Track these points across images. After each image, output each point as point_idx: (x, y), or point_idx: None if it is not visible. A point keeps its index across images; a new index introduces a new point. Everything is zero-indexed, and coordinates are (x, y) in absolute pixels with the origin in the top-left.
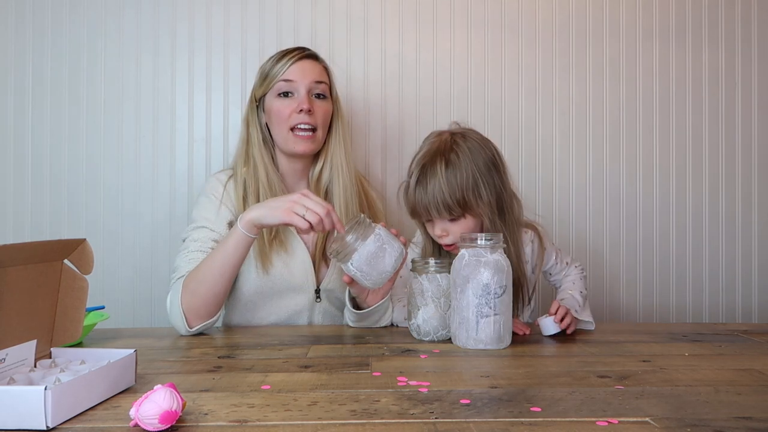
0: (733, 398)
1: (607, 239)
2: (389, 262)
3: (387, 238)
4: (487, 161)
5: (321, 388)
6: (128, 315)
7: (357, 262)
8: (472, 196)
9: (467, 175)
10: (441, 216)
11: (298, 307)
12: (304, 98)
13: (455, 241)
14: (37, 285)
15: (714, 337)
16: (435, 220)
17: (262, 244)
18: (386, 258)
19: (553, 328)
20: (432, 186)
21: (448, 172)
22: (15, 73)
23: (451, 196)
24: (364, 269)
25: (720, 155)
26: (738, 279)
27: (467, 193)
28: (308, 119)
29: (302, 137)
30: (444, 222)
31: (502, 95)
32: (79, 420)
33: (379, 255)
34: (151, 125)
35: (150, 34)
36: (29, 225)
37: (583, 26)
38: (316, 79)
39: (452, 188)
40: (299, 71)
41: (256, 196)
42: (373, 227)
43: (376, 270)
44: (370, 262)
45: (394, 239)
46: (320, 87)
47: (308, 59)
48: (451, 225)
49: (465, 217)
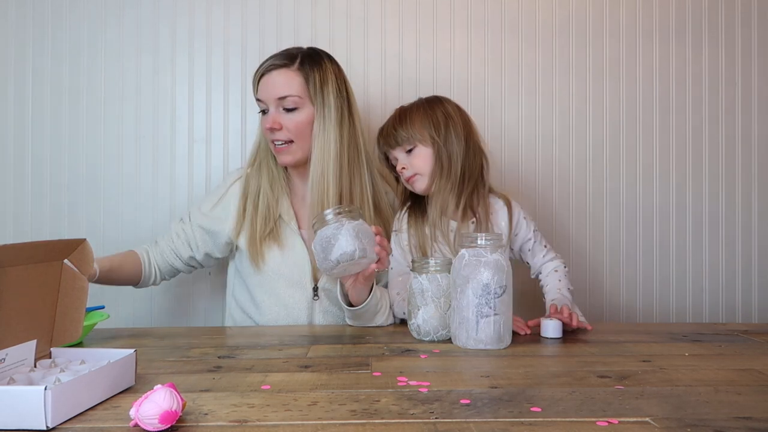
0: (733, 398)
1: (607, 239)
2: (334, 253)
3: (347, 233)
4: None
5: (321, 388)
6: (128, 315)
7: (316, 240)
8: (419, 128)
9: (416, 111)
10: (397, 149)
11: (296, 304)
12: (270, 116)
13: (415, 171)
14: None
15: (714, 337)
16: (398, 157)
17: (253, 241)
18: (334, 249)
19: (555, 331)
20: (389, 125)
21: (400, 113)
22: (15, 74)
23: (402, 127)
24: (317, 248)
25: (720, 155)
26: (738, 279)
27: (416, 125)
28: (278, 136)
29: (278, 149)
30: (403, 156)
31: (502, 95)
32: (79, 420)
33: (331, 243)
34: (151, 125)
35: (150, 33)
36: (29, 225)
37: (583, 26)
38: (279, 95)
39: (402, 122)
40: (264, 89)
41: (255, 197)
42: (344, 221)
43: (324, 254)
44: (323, 245)
45: (356, 239)
46: (287, 101)
47: (275, 70)
48: (409, 158)
49: (417, 146)
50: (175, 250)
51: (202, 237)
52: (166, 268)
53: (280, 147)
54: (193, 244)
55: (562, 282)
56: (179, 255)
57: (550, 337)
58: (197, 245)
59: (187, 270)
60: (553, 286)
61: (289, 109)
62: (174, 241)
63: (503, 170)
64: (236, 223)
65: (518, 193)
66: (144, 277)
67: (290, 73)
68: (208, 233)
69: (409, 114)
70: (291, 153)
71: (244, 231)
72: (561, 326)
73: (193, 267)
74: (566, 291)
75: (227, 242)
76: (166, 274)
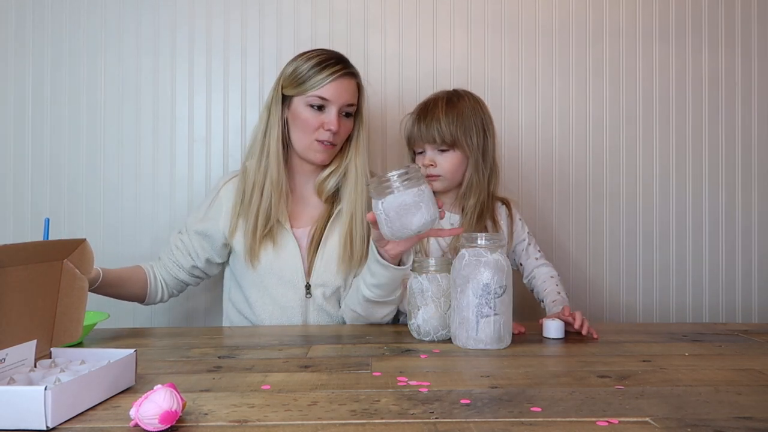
0: (733, 398)
1: (607, 239)
2: (417, 221)
3: (428, 200)
4: (480, 114)
5: (321, 388)
6: (128, 315)
7: (387, 204)
8: (462, 133)
9: (463, 114)
10: (433, 144)
11: (289, 303)
12: (333, 119)
13: (441, 173)
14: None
15: (714, 337)
16: (426, 149)
17: (253, 240)
18: (416, 216)
19: (557, 332)
20: (431, 116)
21: (447, 108)
22: (15, 74)
23: (447, 126)
24: (391, 215)
25: (720, 155)
26: (738, 279)
27: (459, 129)
28: (332, 138)
29: (324, 147)
30: (434, 152)
31: (502, 95)
32: (79, 420)
33: (411, 209)
34: (151, 125)
35: (150, 34)
36: (29, 225)
37: (583, 26)
38: (348, 102)
39: (448, 120)
40: (335, 92)
41: (260, 189)
42: (420, 183)
43: (400, 221)
44: (399, 211)
45: (434, 205)
46: (351, 109)
47: (346, 78)
48: (440, 156)
49: (453, 150)
50: (176, 262)
51: (200, 243)
52: (172, 281)
53: (327, 146)
54: (192, 253)
55: (560, 287)
56: (182, 266)
57: (552, 337)
58: (197, 253)
59: (194, 281)
60: (552, 290)
61: (349, 114)
62: (174, 252)
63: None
64: (231, 220)
65: (518, 192)
66: (150, 292)
67: (356, 84)
68: (205, 238)
69: (457, 113)
70: (331, 154)
71: (240, 228)
72: (563, 327)
73: (199, 278)
74: (564, 294)
75: (224, 243)
76: (174, 289)
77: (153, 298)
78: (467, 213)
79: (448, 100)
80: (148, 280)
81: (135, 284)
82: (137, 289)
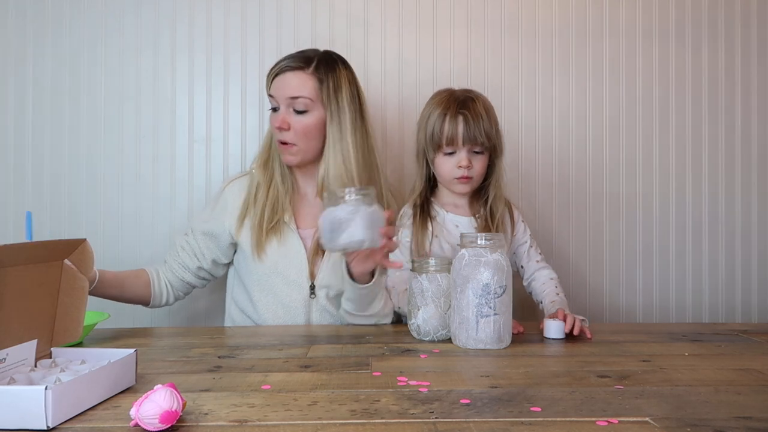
0: (733, 398)
1: (606, 239)
2: (343, 239)
3: (362, 221)
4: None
5: (321, 388)
6: (128, 315)
7: (324, 216)
8: (497, 136)
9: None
10: (473, 145)
11: (293, 303)
12: (279, 115)
13: (473, 176)
14: (37, 285)
15: (714, 337)
16: (462, 150)
17: (259, 233)
18: (344, 233)
19: (558, 332)
20: (474, 115)
21: (485, 108)
22: (15, 74)
23: (489, 127)
24: (325, 227)
25: (720, 155)
26: (738, 279)
27: (495, 131)
28: (285, 136)
29: (282, 148)
30: (470, 153)
31: (502, 95)
32: (80, 420)
33: (342, 226)
34: (151, 125)
35: (150, 33)
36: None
37: (583, 26)
38: (291, 95)
39: (489, 120)
40: (277, 88)
41: (267, 189)
42: (361, 205)
43: (330, 234)
44: (332, 225)
45: (370, 229)
46: (298, 102)
47: (289, 72)
48: (474, 158)
49: (485, 153)
50: (182, 263)
51: (206, 244)
52: (177, 283)
53: (284, 147)
54: (198, 254)
55: (559, 288)
56: (188, 267)
57: (553, 337)
58: (203, 254)
59: (200, 283)
60: (551, 291)
61: (300, 111)
62: (180, 254)
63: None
64: (238, 218)
65: (517, 192)
66: (154, 293)
67: (304, 76)
68: (211, 237)
69: (491, 114)
70: (293, 154)
71: (246, 226)
72: (563, 327)
73: (205, 279)
74: (563, 295)
75: (230, 243)
76: (180, 291)
77: (158, 301)
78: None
79: (483, 100)
80: (151, 281)
81: (136, 286)
82: (139, 290)
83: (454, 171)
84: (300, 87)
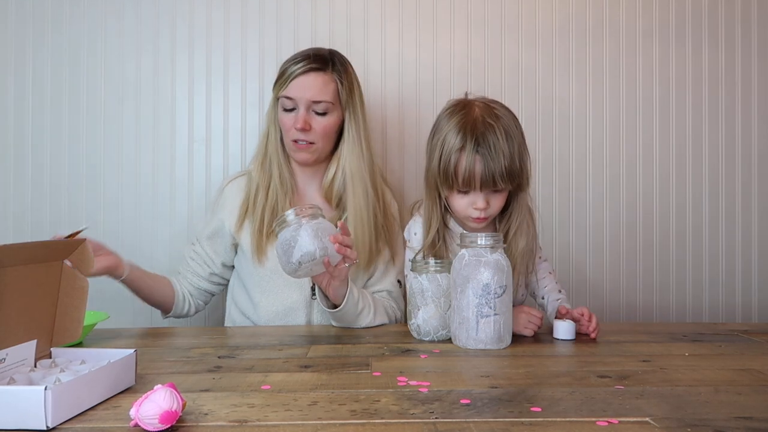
0: (733, 398)
1: (606, 239)
2: (295, 255)
3: (306, 233)
4: (521, 131)
5: (321, 388)
6: (128, 315)
7: (276, 246)
8: (521, 171)
9: (517, 144)
10: (496, 185)
11: (294, 304)
12: (301, 116)
13: (489, 215)
14: (37, 285)
15: (714, 337)
16: (480, 191)
17: (259, 238)
18: (294, 250)
19: (567, 333)
20: (496, 152)
21: (507, 140)
22: (15, 73)
23: (512, 163)
24: (279, 252)
25: (720, 155)
26: (738, 279)
27: (517, 163)
28: (304, 136)
29: (300, 147)
30: (488, 192)
31: (502, 95)
32: (79, 420)
33: (291, 244)
34: (151, 125)
35: (150, 34)
36: (29, 225)
37: (583, 26)
38: (314, 98)
39: (513, 155)
40: (299, 89)
41: (266, 192)
42: (303, 220)
43: (286, 257)
44: (284, 247)
45: (317, 238)
46: (320, 106)
47: (312, 73)
48: (492, 196)
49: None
50: (195, 272)
51: (213, 248)
52: (195, 292)
53: (302, 145)
54: (208, 261)
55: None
56: (200, 275)
57: (562, 338)
58: (212, 260)
59: (216, 289)
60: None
61: (320, 112)
62: (190, 264)
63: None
64: (238, 216)
65: None
66: (177, 301)
67: (326, 78)
68: (215, 239)
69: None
70: (311, 153)
71: (246, 228)
72: (574, 328)
73: (219, 284)
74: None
75: (233, 243)
76: (200, 299)
77: (180, 307)
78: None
79: (504, 125)
80: (174, 288)
81: (166, 287)
82: (167, 291)
83: (469, 210)
84: (323, 90)
